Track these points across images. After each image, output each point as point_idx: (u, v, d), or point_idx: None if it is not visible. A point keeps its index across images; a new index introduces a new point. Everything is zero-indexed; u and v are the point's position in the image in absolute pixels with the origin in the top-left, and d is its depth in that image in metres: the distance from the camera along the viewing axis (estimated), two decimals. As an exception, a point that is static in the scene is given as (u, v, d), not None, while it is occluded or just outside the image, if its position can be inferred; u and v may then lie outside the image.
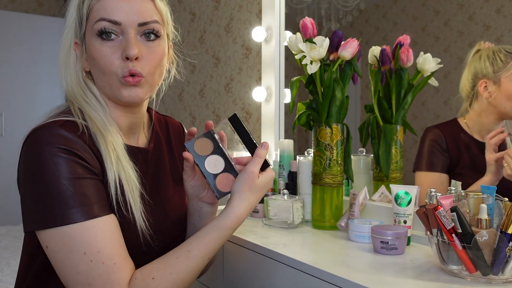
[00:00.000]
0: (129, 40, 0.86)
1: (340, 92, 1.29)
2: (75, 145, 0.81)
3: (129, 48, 0.85)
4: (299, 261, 1.00)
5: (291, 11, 1.87)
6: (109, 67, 0.86)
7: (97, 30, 0.86)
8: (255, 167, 0.89)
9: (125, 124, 0.95)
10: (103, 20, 0.85)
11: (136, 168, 0.91)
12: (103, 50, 0.86)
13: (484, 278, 0.86)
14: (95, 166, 0.83)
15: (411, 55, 1.32)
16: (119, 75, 0.86)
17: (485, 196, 0.94)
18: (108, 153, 0.85)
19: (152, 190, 0.96)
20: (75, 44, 0.92)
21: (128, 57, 0.85)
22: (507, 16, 1.26)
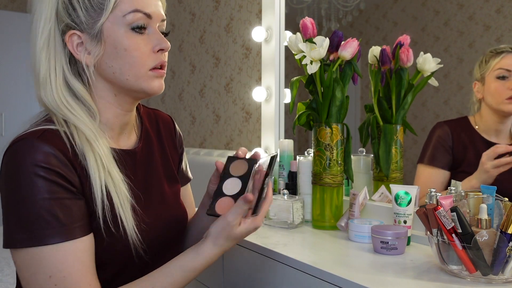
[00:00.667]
0: (159, 34, 0.87)
1: (340, 92, 1.29)
2: (53, 161, 0.77)
3: (163, 40, 0.86)
4: (299, 261, 1.00)
5: (291, 11, 1.87)
6: (143, 58, 0.85)
7: (130, 22, 0.83)
8: (233, 217, 0.83)
9: (118, 124, 0.91)
10: (138, 12, 0.83)
11: (127, 179, 0.87)
12: (137, 42, 0.84)
13: (484, 278, 0.86)
14: (74, 183, 0.79)
15: (411, 55, 1.32)
16: (150, 67, 0.86)
17: (485, 196, 0.94)
18: (97, 168, 0.81)
19: (144, 192, 0.93)
20: (71, 36, 0.84)
21: (164, 49, 0.87)
22: (507, 16, 1.26)
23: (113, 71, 0.85)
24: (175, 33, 2.76)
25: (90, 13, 0.83)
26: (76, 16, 0.83)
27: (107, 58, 0.84)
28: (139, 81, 0.86)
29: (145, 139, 0.99)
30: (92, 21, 0.83)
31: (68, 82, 0.85)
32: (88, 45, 0.84)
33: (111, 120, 0.90)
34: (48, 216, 0.76)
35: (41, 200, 0.75)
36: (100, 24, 0.83)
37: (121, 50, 0.84)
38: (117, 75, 0.85)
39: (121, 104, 0.90)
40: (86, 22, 0.83)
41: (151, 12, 0.85)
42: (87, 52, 0.84)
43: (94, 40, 0.84)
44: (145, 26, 0.85)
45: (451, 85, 1.40)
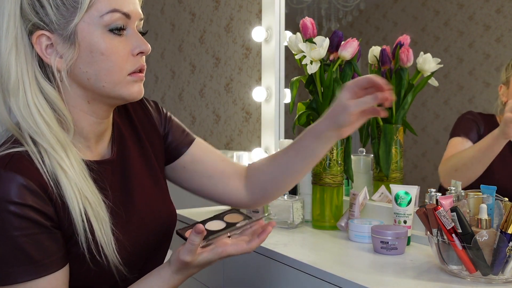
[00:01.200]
0: (139, 35, 0.79)
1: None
2: (25, 194, 0.70)
3: (143, 43, 0.79)
4: (299, 261, 1.00)
5: (291, 11, 1.87)
6: (121, 63, 0.77)
7: (108, 23, 0.74)
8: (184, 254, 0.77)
9: (94, 133, 0.83)
10: (116, 12, 0.74)
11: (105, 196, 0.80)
12: (115, 45, 0.76)
13: (484, 278, 0.86)
14: (49, 214, 0.73)
15: (411, 55, 1.32)
16: (129, 71, 0.78)
17: (485, 196, 0.94)
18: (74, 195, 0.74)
19: (125, 203, 0.86)
20: (39, 37, 0.74)
21: (144, 52, 0.79)
22: (507, 16, 1.26)
23: (87, 77, 0.76)
24: (175, 33, 2.76)
25: (62, 12, 0.73)
26: (44, 14, 0.73)
27: (81, 62, 0.76)
28: (117, 88, 0.78)
29: (119, 142, 0.89)
30: (64, 21, 0.74)
31: (41, 87, 0.75)
32: (60, 47, 0.75)
33: (85, 129, 0.81)
34: (18, 253, 0.70)
35: (11, 237, 0.69)
36: (74, 25, 0.73)
37: (97, 54, 0.75)
38: (92, 81, 0.77)
39: (95, 112, 0.81)
40: (57, 21, 0.73)
41: (129, 11, 0.76)
42: (59, 56, 0.75)
43: (67, 42, 0.74)
44: (124, 27, 0.77)
45: (451, 85, 1.40)
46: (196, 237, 0.76)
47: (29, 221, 0.70)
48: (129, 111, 0.95)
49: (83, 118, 0.80)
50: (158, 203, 0.93)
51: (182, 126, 1.05)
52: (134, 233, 0.85)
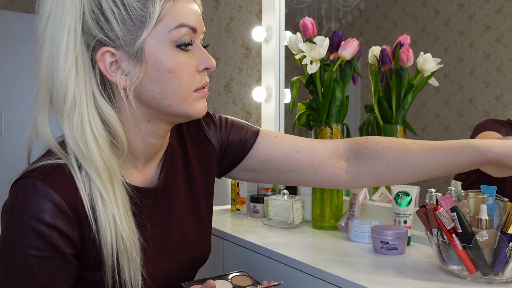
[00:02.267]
0: (203, 51, 0.75)
1: (340, 92, 1.29)
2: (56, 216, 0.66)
3: (209, 58, 0.75)
4: (299, 261, 1.00)
5: (291, 11, 1.87)
6: (188, 80, 0.73)
7: (176, 39, 0.70)
8: None
9: (148, 153, 0.79)
10: (185, 27, 0.70)
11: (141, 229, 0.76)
12: (184, 61, 0.72)
13: (484, 278, 0.86)
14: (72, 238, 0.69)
15: (411, 55, 1.32)
16: (195, 88, 0.75)
17: (485, 196, 0.94)
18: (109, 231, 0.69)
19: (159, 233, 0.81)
20: (104, 54, 0.70)
21: (211, 68, 0.75)
22: (507, 16, 1.26)
23: (153, 96, 0.72)
24: (175, 33, 2.76)
25: (129, 27, 0.69)
26: (110, 29, 0.69)
27: (147, 80, 0.71)
28: (183, 105, 0.74)
29: (169, 166, 0.84)
30: (131, 36, 0.69)
31: (98, 108, 0.70)
32: (125, 65, 0.70)
33: (138, 150, 0.77)
34: (25, 272, 0.67)
35: (24, 254, 0.66)
36: (141, 41, 0.69)
37: (164, 72, 0.71)
38: (158, 100, 0.72)
39: (154, 131, 0.76)
40: (123, 37, 0.69)
41: (196, 25, 0.72)
42: (124, 74, 0.70)
43: (133, 59, 0.70)
44: (191, 43, 0.73)
45: (451, 85, 1.40)
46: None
47: (48, 243, 0.67)
48: (183, 130, 0.89)
49: (138, 138, 0.76)
50: (194, 241, 0.88)
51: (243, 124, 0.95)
52: (162, 266, 0.81)
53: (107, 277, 0.71)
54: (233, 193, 1.60)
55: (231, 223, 1.44)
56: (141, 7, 0.68)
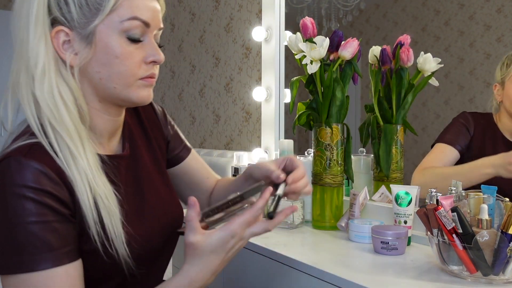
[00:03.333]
0: (154, 45, 0.82)
1: (340, 92, 1.28)
2: (43, 180, 0.71)
3: (158, 53, 0.81)
4: (299, 261, 1.00)
5: (291, 11, 1.87)
6: (133, 69, 0.79)
7: (127, 29, 0.77)
8: (190, 237, 0.76)
9: (109, 130, 0.85)
10: (137, 20, 0.77)
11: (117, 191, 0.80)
12: (130, 51, 0.78)
13: (485, 278, 0.86)
14: (67, 202, 0.74)
15: (412, 55, 1.32)
16: (140, 76, 0.81)
17: (485, 196, 0.93)
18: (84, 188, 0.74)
19: (137, 200, 0.87)
20: (58, 32, 0.76)
21: (158, 62, 0.82)
22: (507, 15, 1.26)
23: (99, 77, 0.79)
24: (175, 33, 2.76)
25: (84, 12, 0.75)
26: (67, 11, 0.75)
27: (95, 62, 0.78)
28: (127, 90, 0.80)
29: (129, 140, 0.92)
30: (85, 20, 0.75)
31: (62, 76, 0.77)
32: (76, 45, 0.77)
33: (99, 126, 0.83)
34: (37, 241, 0.70)
35: (29, 223, 0.70)
36: (94, 26, 0.75)
37: (112, 57, 0.77)
38: (104, 81, 0.79)
39: (107, 110, 0.83)
40: (78, 20, 0.75)
41: (149, 20, 0.79)
42: (74, 53, 0.77)
43: (84, 41, 0.76)
44: (141, 35, 0.79)
45: (452, 85, 1.40)
46: (191, 211, 0.76)
47: (46, 207, 0.71)
48: (139, 111, 0.97)
49: (96, 115, 0.82)
50: (168, 201, 0.94)
51: (181, 136, 1.07)
52: (144, 228, 0.85)
53: (92, 233, 0.74)
54: (233, 193, 1.60)
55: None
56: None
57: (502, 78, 1.25)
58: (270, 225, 0.81)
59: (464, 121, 1.33)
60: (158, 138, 0.99)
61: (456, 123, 1.35)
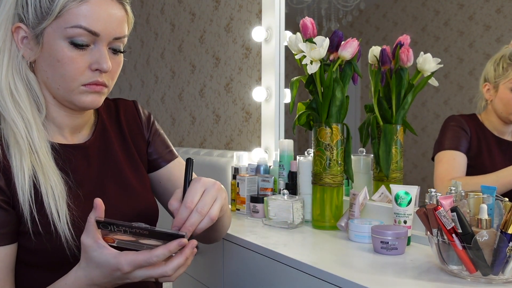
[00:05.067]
0: (103, 53, 0.83)
1: (340, 92, 1.29)
2: None
3: (104, 61, 0.83)
4: (299, 261, 1.00)
5: (291, 11, 1.87)
6: (75, 74, 0.82)
7: (71, 36, 0.80)
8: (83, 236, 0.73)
9: (70, 125, 0.90)
10: (81, 29, 0.80)
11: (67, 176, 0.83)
12: (73, 57, 0.81)
13: (484, 278, 0.86)
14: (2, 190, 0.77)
15: (411, 55, 1.32)
16: (82, 82, 0.83)
17: (485, 196, 0.94)
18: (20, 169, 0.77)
19: (98, 187, 0.89)
20: (16, 28, 0.83)
21: (102, 70, 0.83)
22: (507, 16, 1.26)
23: (46, 76, 0.84)
24: (175, 33, 2.76)
25: (37, 14, 0.81)
26: (26, 11, 0.82)
27: (42, 62, 0.83)
28: (69, 94, 0.84)
29: (100, 132, 0.95)
30: (37, 21, 0.81)
31: (21, 69, 0.83)
32: (31, 42, 0.83)
33: (57, 120, 0.87)
34: None
35: None
36: (42, 28, 0.81)
37: (54, 59, 0.81)
38: (50, 81, 0.84)
39: (62, 107, 0.87)
40: (32, 20, 0.81)
41: (99, 30, 0.81)
42: (29, 48, 0.83)
43: (35, 40, 0.82)
44: (87, 43, 0.82)
45: (451, 85, 1.40)
46: (92, 213, 0.73)
47: None
48: (119, 109, 1.02)
49: (52, 109, 0.87)
50: (135, 194, 0.95)
51: (168, 143, 1.08)
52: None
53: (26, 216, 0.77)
54: (233, 193, 1.60)
55: (231, 223, 1.44)
56: (49, 1, 0.80)
57: (496, 80, 1.25)
58: (168, 269, 0.73)
59: (458, 123, 1.34)
60: (136, 137, 1.02)
61: (451, 128, 1.36)
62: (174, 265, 0.73)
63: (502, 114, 1.27)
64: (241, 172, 1.63)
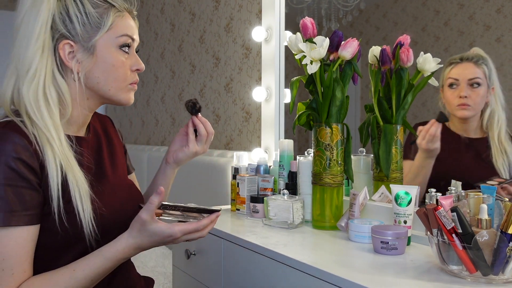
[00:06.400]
0: (136, 57, 1.02)
1: (340, 92, 1.28)
2: (18, 148, 0.85)
3: (140, 64, 1.02)
4: (299, 261, 1.00)
5: (291, 11, 1.87)
6: (124, 74, 0.99)
7: (121, 43, 0.98)
8: (143, 213, 0.91)
9: (80, 121, 1.02)
10: (127, 36, 0.99)
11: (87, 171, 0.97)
12: (123, 60, 0.99)
13: (484, 278, 0.86)
14: (34, 168, 0.87)
15: (411, 55, 1.32)
16: (129, 82, 1.01)
17: (485, 196, 0.94)
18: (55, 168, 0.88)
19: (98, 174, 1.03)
20: (65, 45, 0.94)
21: (140, 70, 1.03)
22: (507, 16, 1.26)
23: (97, 81, 0.97)
24: (175, 33, 2.76)
25: (87, 29, 0.94)
26: (72, 28, 0.94)
27: (95, 69, 0.96)
28: (119, 93, 1.00)
29: (93, 132, 1.09)
30: (88, 35, 0.95)
31: (55, 81, 0.94)
32: (80, 55, 0.95)
33: (74, 117, 1.00)
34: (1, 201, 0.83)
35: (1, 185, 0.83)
36: (95, 40, 0.95)
37: (109, 65, 0.97)
38: (101, 85, 0.98)
39: (89, 106, 1.01)
40: (81, 35, 0.94)
41: (135, 37, 1.01)
42: (77, 61, 0.95)
43: (87, 52, 0.95)
44: (129, 48, 1.00)
45: (451, 85, 1.39)
46: (156, 197, 0.90)
47: (17, 173, 0.84)
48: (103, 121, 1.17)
49: (77, 110, 0.99)
50: (127, 184, 1.12)
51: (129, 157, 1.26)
52: (110, 203, 0.99)
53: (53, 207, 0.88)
54: (233, 193, 1.60)
55: (231, 223, 1.44)
56: (98, 17, 0.95)
57: (441, 83, 1.36)
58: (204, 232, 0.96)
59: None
60: (117, 140, 1.17)
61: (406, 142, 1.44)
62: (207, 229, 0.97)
63: (450, 112, 1.35)
64: (241, 172, 1.63)
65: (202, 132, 1.14)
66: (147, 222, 0.91)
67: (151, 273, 1.90)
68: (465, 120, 1.34)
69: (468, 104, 1.31)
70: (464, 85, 1.31)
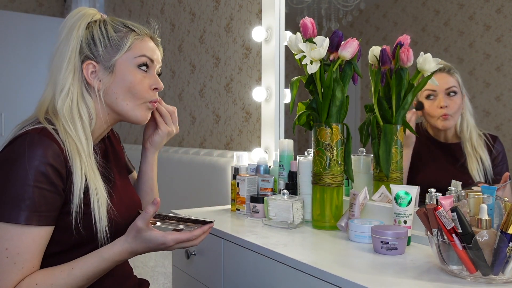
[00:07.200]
0: (156, 77, 1.10)
1: (340, 92, 1.28)
2: (49, 154, 0.92)
3: (159, 83, 1.10)
4: (299, 261, 1.00)
5: (291, 11, 1.87)
6: (142, 93, 1.07)
7: (139, 62, 1.06)
8: (139, 221, 0.98)
9: (99, 133, 1.11)
10: (145, 57, 1.07)
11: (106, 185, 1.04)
12: (141, 78, 1.07)
13: (485, 278, 0.86)
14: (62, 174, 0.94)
15: (411, 55, 1.32)
16: (147, 100, 1.09)
17: (485, 196, 0.94)
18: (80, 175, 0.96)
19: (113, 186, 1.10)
20: (87, 64, 1.04)
21: (158, 89, 1.11)
22: (507, 16, 1.26)
23: (116, 97, 1.06)
24: (175, 33, 2.76)
25: (108, 50, 1.05)
26: (95, 50, 1.04)
27: (114, 86, 1.05)
28: (136, 110, 1.08)
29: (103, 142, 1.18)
30: (108, 56, 1.05)
31: (85, 99, 1.05)
32: (101, 74, 1.05)
33: (96, 131, 1.09)
34: (28, 200, 0.90)
35: (28, 186, 0.90)
36: (115, 60, 1.05)
37: (127, 82, 1.05)
38: (120, 100, 1.06)
39: (109, 121, 1.10)
40: (103, 56, 1.04)
41: (154, 58, 1.09)
42: (99, 79, 1.05)
43: (107, 71, 1.05)
44: (148, 68, 1.08)
45: (451, 85, 1.39)
46: (151, 207, 0.97)
47: (46, 177, 0.91)
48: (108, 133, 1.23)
49: (99, 124, 1.09)
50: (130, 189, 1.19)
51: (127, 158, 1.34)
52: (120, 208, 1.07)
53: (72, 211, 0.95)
54: (233, 193, 1.60)
55: (231, 223, 1.44)
56: (118, 40, 1.06)
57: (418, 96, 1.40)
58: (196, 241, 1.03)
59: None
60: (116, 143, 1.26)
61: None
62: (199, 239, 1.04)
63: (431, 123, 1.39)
64: (241, 172, 1.63)
65: (163, 112, 1.20)
66: (142, 230, 0.97)
67: (151, 273, 1.90)
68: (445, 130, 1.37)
69: (448, 114, 1.35)
70: (442, 95, 1.34)
